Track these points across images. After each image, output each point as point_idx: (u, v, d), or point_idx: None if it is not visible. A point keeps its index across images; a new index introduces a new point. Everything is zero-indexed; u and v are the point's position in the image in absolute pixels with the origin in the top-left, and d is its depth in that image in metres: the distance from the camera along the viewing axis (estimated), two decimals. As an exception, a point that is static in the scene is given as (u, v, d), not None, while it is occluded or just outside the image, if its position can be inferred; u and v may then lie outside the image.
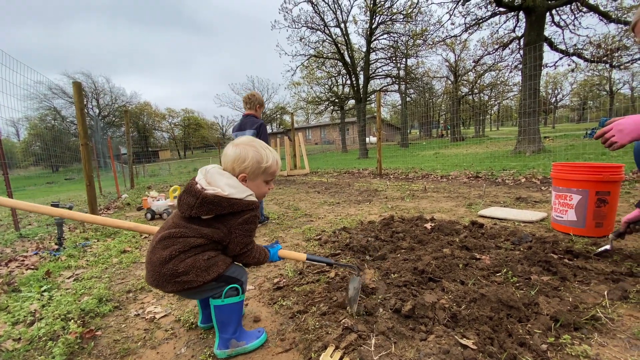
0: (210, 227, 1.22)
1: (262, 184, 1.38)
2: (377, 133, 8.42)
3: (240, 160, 1.30)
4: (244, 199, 1.24)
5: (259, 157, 1.33)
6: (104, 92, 44.03)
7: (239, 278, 1.33)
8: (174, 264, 1.16)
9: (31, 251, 3.19)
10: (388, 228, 2.97)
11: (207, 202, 1.17)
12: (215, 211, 1.19)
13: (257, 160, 1.32)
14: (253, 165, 1.31)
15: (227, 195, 1.19)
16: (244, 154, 1.31)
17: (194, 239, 1.20)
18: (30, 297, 2.05)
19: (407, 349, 1.27)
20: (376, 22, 21.12)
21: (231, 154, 1.32)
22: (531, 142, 10.21)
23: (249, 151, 1.32)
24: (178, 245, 1.18)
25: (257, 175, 1.34)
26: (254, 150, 1.33)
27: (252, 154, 1.32)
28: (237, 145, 1.33)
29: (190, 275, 1.18)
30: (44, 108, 35.33)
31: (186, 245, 1.18)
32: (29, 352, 1.46)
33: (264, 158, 1.34)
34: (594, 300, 1.54)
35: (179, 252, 1.17)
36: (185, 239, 1.19)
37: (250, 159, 1.31)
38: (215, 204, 1.18)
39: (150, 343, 1.49)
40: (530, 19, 10.66)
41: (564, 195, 2.58)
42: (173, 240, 1.19)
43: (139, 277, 2.33)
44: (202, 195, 1.17)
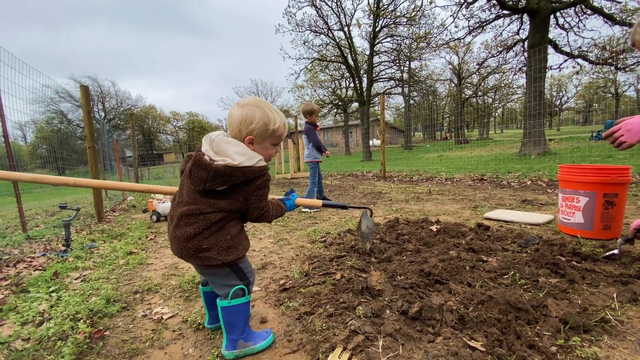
0: (227, 199, 1.21)
1: (269, 147, 1.33)
2: (381, 136, 8.42)
3: (247, 121, 1.24)
4: (254, 165, 1.20)
5: (266, 119, 1.26)
6: (110, 96, 44.55)
7: (247, 277, 1.35)
8: (199, 240, 1.20)
9: (39, 252, 3.22)
10: (393, 230, 2.97)
11: (219, 174, 1.14)
12: (228, 182, 1.17)
13: (265, 122, 1.26)
14: (260, 127, 1.25)
15: (237, 164, 1.15)
16: (251, 115, 1.24)
17: (213, 214, 1.21)
18: (38, 297, 2.06)
19: (415, 351, 1.27)
20: (379, 25, 21.20)
21: (237, 115, 1.25)
22: (536, 145, 10.15)
23: (256, 112, 1.25)
24: (200, 222, 1.20)
25: (264, 138, 1.28)
26: (261, 112, 1.26)
27: (259, 115, 1.25)
28: (243, 106, 1.26)
29: (212, 252, 1.22)
30: (50, 111, 35.76)
31: (207, 222, 1.20)
32: (38, 351, 1.48)
33: (272, 120, 1.28)
34: (603, 302, 1.53)
35: (202, 229, 1.20)
36: (205, 216, 1.20)
37: (258, 120, 1.24)
38: (228, 175, 1.15)
39: (158, 343, 1.50)
40: (534, 21, 10.64)
41: (571, 198, 2.56)
42: (194, 217, 1.20)
43: (146, 278, 2.34)
44: (213, 168, 1.14)
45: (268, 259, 2.56)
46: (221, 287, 1.32)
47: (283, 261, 2.50)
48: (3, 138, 4.00)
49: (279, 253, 2.71)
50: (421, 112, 25.51)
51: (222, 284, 1.32)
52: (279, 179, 10.83)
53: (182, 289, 2.09)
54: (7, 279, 2.47)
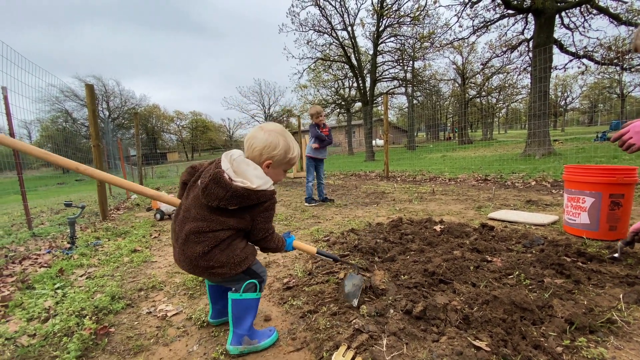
0: (235, 217, 1.24)
1: (281, 172, 1.41)
2: (384, 135, 8.41)
3: (271, 147, 1.30)
4: (268, 189, 1.24)
5: (287, 148, 1.34)
6: (114, 95, 44.77)
7: (261, 276, 1.37)
8: (209, 259, 1.23)
9: (44, 250, 3.25)
10: (397, 230, 2.96)
11: (237, 195, 1.17)
12: (243, 203, 1.20)
13: (286, 150, 1.33)
14: (281, 155, 1.32)
15: (255, 187, 1.19)
16: (275, 143, 1.30)
17: (222, 232, 1.23)
18: (44, 294, 2.08)
19: (419, 350, 1.27)
20: (383, 25, 21.14)
21: (262, 139, 1.30)
22: (541, 145, 10.09)
23: (280, 140, 1.32)
24: (209, 240, 1.21)
25: (280, 164, 1.36)
26: (284, 141, 1.33)
27: (282, 143, 1.32)
28: (269, 132, 1.32)
29: (225, 269, 1.25)
30: (55, 110, 36.00)
31: (217, 239, 1.22)
32: (44, 347, 1.49)
33: (291, 149, 1.36)
34: (609, 303, 1.52)
35: (212, 247, 1.22)
36: (214, 234, 1.22)
37: (281, 148, 1.31)
38: (245, 197, 1.18)
39: (162, 340, 1.51)
40: (539, 21, 10.57)
41: (576, 198, 2.54)
42: (203, 235, 1.21)
43: (150, 276, 2.35)
44: (232, 188, 1.16)
45: (271, 258, 2.56)
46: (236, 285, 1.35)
47: (286, 260, 2.50)
48: (9, 136, 4.04)
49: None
50: (424, 112, 25.41)
51: (238, 284, 1.34)
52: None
53: (186, 287, 2.09)
54: (13, 276, 2.49)
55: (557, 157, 9.10)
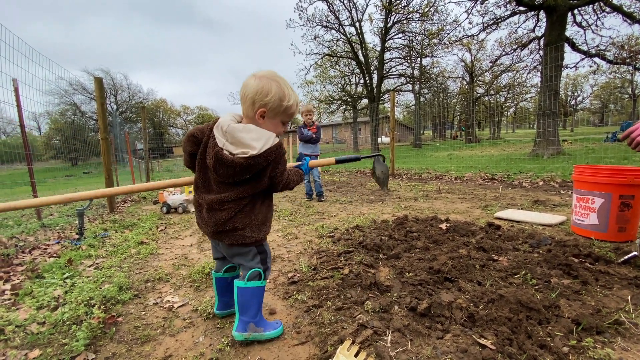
0: (253, 182, 1.26)
1: (279, 124, 1.31)
2: (390, 133, 8.36)
3: (262, 93, 1.22)
4: (272, 145, 1.20)
5: (282, 94, 1.25)
6: (122, 89, 45.03)
7: (267, 263, 1.41)
8: (233, 222, 1.28)
9: (53, 240, 3.30)
10: (402, 227, 2.95)
11: (245, 167, 1.17)
12: (254, 170, 1.20)
13: (280, 97, 1.24)
14: (275, 102, 1.24)
15: (258, 152, 1.16)
16: (267, 88, 1.22)
17: (244, 199, 1.28)
18: (53, 283, 2.12)
19: (423, 347, 1.27)
20: (391, 21, 20.93)
21: (253, 86, 1.23)
22: (549, 145, 9.95)
23: (273, 86, 1.23)
24: (232, 207, 1.26)
25: (276, 113, 1.27)
26: (278, 86, 1.24)
27: (275, 89, 1.23)
28: (260, 78, 1.24)
29: (246, 230, 1.30)
30: (64, 103, 36.35)
31: (239, 206, 1.27)
32: (53, 335, 1.52)
33: (287, 96, 1.26)
34: (616, 304, 1.50)
35: (236, 212, 1.27)
36: (235, 202, 1.26)
37: (274, 94, 1.23)
38: (253, 165, 1.17)
39: (169, 331, 1.53)
40: (551, 18, 10.38)
41: (585, 199, 2.51)
42: (226, 204, 1.26)
43: (157, 268, 2.38)
44: (237, 163, 1.16)
45: (276, 252, 2.58)
46: (244, 268, 1.38)
47: (291, 255, 2.52)
48: (19, 128, 4.09)
49: (287, 247, 2.73)
50: (431, 110, 25.22)
51: (246, 264, 1.37)
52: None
53: (192, 279, 2.12)
54: (22, 265, 2.54)
55: (566, 158, 8.98)
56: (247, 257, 1.36)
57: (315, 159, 5.08)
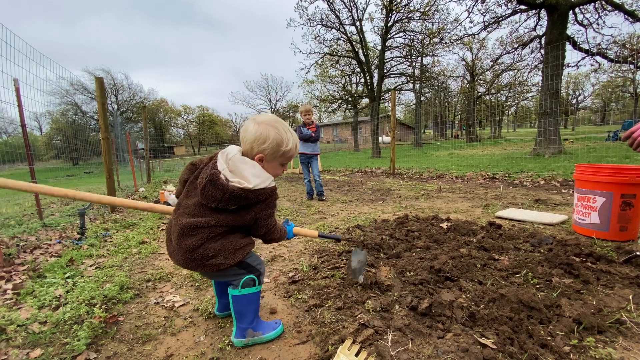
0: (235, 215, 1.22)
1: (277, 166, 1.34)
2: (391, 132, 8.35)
3: (260, 140, 1.25)
4: (267, 186, 1.22)
5: (279, 140, 1.27)
6: (123, 89, 45.10)
7: (258, 269, 1.36)
8: (204, 249, 1.21)
9: (54, 240, 3.31)
10: (403, 227, 2.95)
11: (234, 196, 1.16)
12: (242, 203, 1.19)
13: (278, 143, 1.27)
14: (273, 148, 1.26)
15: (252, 187, 1.17)
16: (265, 135, 1.25)
17: (220, 227, 1.22)
18: (54, 282, 2.12)
19: (424, 346, 1.27)
20: (392, 20, 20.88)
21: (252, 132, 1.26)
22: (551, 144, 9.93)
23: (270, 132, 1.26)
24: (205, 233, 1.21)
25: (274, 157, 1.30)
26: (276, 132, 1.27)
27: (273, 135, 1.26)
28: (259, 124, 1.27)
29: (219, 259, 1.23)
30: (65, 103, 36.43)
31: (212, 232, 1.22)
32: (54, 334, 1.52)
33: (285, 141, 1.29)
34: (618, 304, 1.50)
35: (206, 239, 1.21)
36: (211, 228, 1.21)
37: (271, 140, 1.25)
38: (243, 197, 1.17)
39: (170, 330, 1.53)
40: (552, 17, 10.35)
41: (587, 198, 2.50)
42: (200, 229, 1.20)
43: (158, 267, 2.38)
44: (229, 190, 1.15)
45: (277, 252, 2.58)
46: (233, 280, 1.35)
47: (292, 254, 2.52)
48: (21, 128, 4.10)
49: (288, 246, 2.73)
50: (432, 109, 25.19)
51: (233, 278, 1.34)
52: (286, 174, 10.86)
53: (193, 279, 2.12)
54: (24, 264, 2.55)
55: (567, 157, 8.96)
56: (231, 275, 1.33)
57: (315, 158, 5.12)
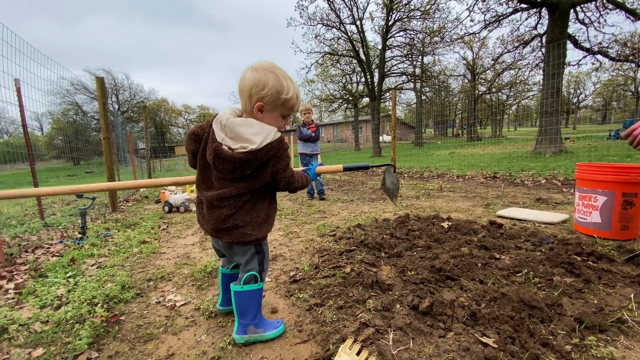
0: (254, 178, 1.22)
1: (279, 118, 1.28)
2: (392, 131, 8.35)
3: (259, 86, 1.18)
4: (273, 139, 1.18)
5: (279, 86, 1.20)
6: (123, 89, 45.12)
7: (264, 264, 1.38)
8: (234, 219, 1.25)
9: (56, 239, 3.32)
10: (403, 226, 2.95)
11: (244, 162, 1.15)
12: (255, 165, 1.18)
13: (278, 89, 1.20)
14: (272, 95, 1.20)
15: (257, 147, 1.14)
16: (264, 80, 1.18)
17: (245, 196, 1.25)
18: (56, 282, 2.13)
19: (425, 345, 1.27)
20: (393, 19, 20.85)
21: (249, 78, 1.19)
22: (551, 143, 9.90)
23: (270, 78, 1.19)
24: (233, 204, 1.24)
25: (275, 106, 1.23)
26: (275, 78, 1.20)
27: (272, 81, 1.19)
28: (257, 70, 1.20)
29: (247, 228, 1.27)
30: (66, 103, 36.45)
31: (240, 202, 1.24)
32: (56, 333, 1.53)
33: (285, 88, 1.21)
34: (619, 303, 1.50)
35: (237, 209, 1.25)
36: (236, 198, 1.24)
37: (271, 86, 1.19)
38: (253, 160, 1.15)
39: (171, 329, 1.53)
40: (553, 15, 10.32)
41: (588, 197, 2.50)
42: (226, 200, 1.23)
43: (159, 267, 2.39)
44: (236, 159, 1.14)
45: (278, 251, 2.58)
46: (241, 269, 1.37)
47: (293, 253, 2.52)
48: (22, 128, 4.10)
49: (289, 245, 2.73)
50: (433, 108, 25.14)
51: (243, 264, 1.36)
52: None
53: (194, 278, 2.12)
54: (26, 264, 2.55)
55: (568, 156, 8.94)
56: (245, 256, 1.34)
57: (315, 158, 5.12)
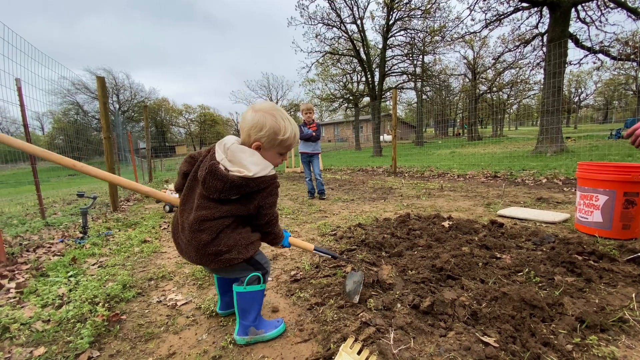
0: (239, 205, 1.23)
1: (276, 155, 1.33)
2: (392, 131, 8.34)
3: (257, 127, 1.24)
4: (268, 174, 1.21)
5: (277, 128, 1.25)
6: (124, 88, 45.16)
7: (265, 267, 1.38)
8: (217, 244, 1.21)
9: (57, 239, 3.32)
10: (404, 225, 2.95)
11: (235, 185, 1.16)
12: (243, 192, 1.19)
13: (275, 131, 1.25)
14: (270, 136, 1.25)
15: (252, 175, 1.17)
16: (262, 122, 1.24)
17: (226, 219, 1.22)
18: (57, 281, 2.13)
19: (426, 344, 1.27)
20: (393, 18, 20.84)
21: (249, 120, 1.25)
22: (552, 142, 9.89)
23: (268, 120, 1.24)
24: (213, 227, 1.20)
25: (272, 146, 1.28)
26: (273, 120, 1.25)
27: (270, 123, 1.24)
28: (257, 111, 1.26)
29: (232, 253, 1.24)
30: (67, 103, 36.52)
31: (221, 226, 1.21)
32: (58, 332, 1.53)
33: (282, 130, 1.27)
34: (621, 302, 1.49)
35: (217, 233, 1.21)
36: (217, 221, 1.21)
37: (268, 128, 1.24)
38: (244, 185, 1.17)
39: (172, 329, 1.53)
40: (554, 14, 10.31)
41: (589, 196, 2.50)
42: (207, 223, 1.20)
43: (160, 266, 2.39)
44: (229, 179, 1.15)
45: (279, 251, 2.58)
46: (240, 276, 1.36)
47: (294, 253, 2.52)
48: (23, 127, 4.11)
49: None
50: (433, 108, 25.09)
51: (241, 275, 1.34)
52: (288, 173, 10.87)
53: (195, 277, 2.13)
54: (27, 263, 2.56)
55: (569, 155, 8.92)
56: (239, 272, 1.33)
57: (316, 157, 5.12)
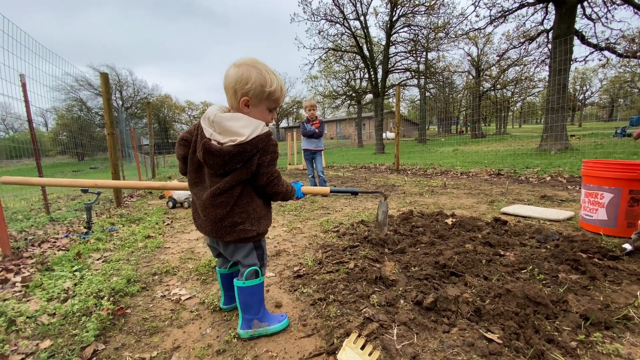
0: (242, 170, 1.21)
1: (265, 112, 1.29)
2: (395, 128, 8.31)
3: (242, 82, 1.20)
4: (261, 132, 1.19)
5: (262, 80, 1.22)
6: (127, 85, 45.22)
7: (264, 259, 1.40)
8: (231, 216, 1.25)
9: (62, 234, 3.35)
10: (407, 222, 2.95)
11: (234, 155, 1.15)
12: (244, 158, 1.18)
13: (261, 83, 1.22)
14: (256, 89, 1.21)
15: (246, 139, 1.15)
16: (246, 75, 1.20)
17: (235, 188, 1.23)
18: (62, 275, 2.15)
19: (429, 340, 1.27)
20: (397, 14, 20.71)
21: (232, 75, 1.21)
22: (557, 140, 9.82)
23: (252, 73, 1.21)
24: (225, 199, 1.22)
25: (260, 100, 1.25)
26: (258, 72, 1.21)
27: (255, 75, 1.21)
28: (239, 66, 1.22)
29: (246, 224, 1.27)
30: (70, 99, 36.62)
31: (232, 197, 1.23)
32: (63, 326, 1.54)
33: (269, 82, 1.23)
34: (625, 300, 1.49)
35: (231, 206, 1.24)
36: (229, 193, 1.22)
37: (254, 81, 1.20)
38: (242, 152, 1.16)
39: (176, 323, 1.55)
40: (560, 11, 10.19)
41: (594, 194, 2.48)
42: (219, 196, 1.22)
43: (163, 261, 2.41)
44: (225, 152, 1.14)
45: (282, 247, 2.59)
46: (241, 265, 1.38)
47: (296, 249, 2.52)
48: (27, 123, 4.13)
49: (292, 241, 2.74)
50: (437, 105, 24.97)
51: (243, 261, 1.36)
52: (290, 170, 10.87)
53: (198, 272, 2.14)
54: (32, 258, 2.58)
55: (574, 153, 8.86)
56: (243, 253, 1.35)
57: (319, 154, 5.11)
